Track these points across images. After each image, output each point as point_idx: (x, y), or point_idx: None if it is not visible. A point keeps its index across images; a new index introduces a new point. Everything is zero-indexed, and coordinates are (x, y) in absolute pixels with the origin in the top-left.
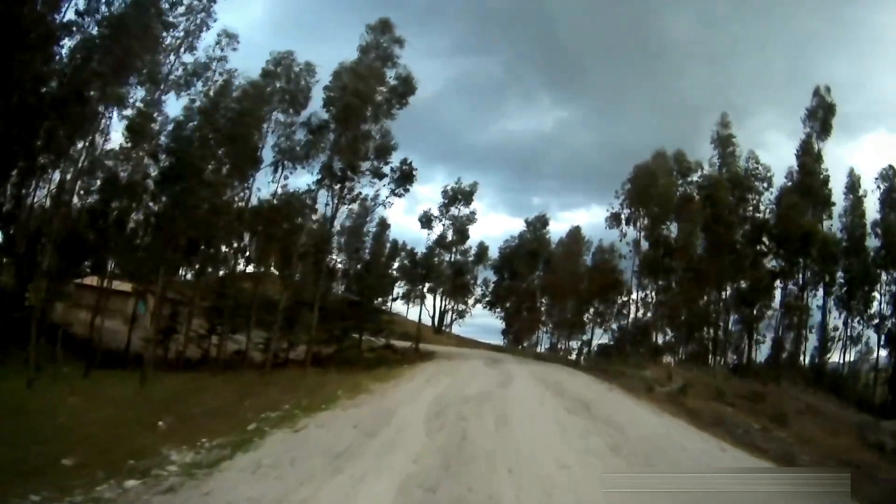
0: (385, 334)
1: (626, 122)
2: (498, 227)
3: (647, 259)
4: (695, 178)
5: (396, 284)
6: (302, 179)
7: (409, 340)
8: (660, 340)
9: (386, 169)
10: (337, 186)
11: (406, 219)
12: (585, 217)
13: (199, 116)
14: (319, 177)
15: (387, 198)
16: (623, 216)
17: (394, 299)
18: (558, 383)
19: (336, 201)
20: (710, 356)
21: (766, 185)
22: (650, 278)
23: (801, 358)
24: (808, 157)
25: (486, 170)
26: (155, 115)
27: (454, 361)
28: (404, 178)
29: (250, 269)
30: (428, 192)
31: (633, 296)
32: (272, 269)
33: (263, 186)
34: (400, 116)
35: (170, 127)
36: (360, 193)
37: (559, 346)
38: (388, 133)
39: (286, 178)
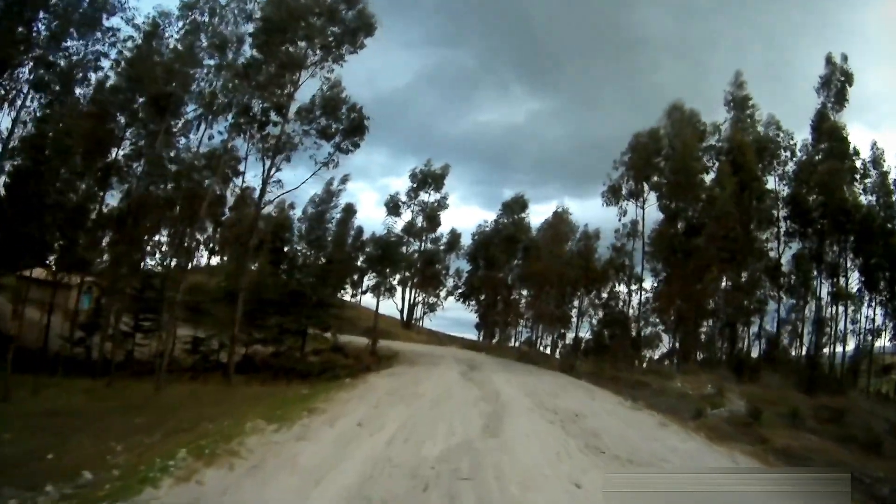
0: (332, 332)
1: (599, 116)
2: (470, 220)
3: (661, 236)
4: (712, 141)
5: (366, 276)
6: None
7: (378, 337)
8: (665, 335)
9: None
10: (259, 135)
11: (378, 212)
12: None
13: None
14: (234, 121)
15: (331, 155)
16: (624, 190)
17: (363, 292)
18: (578, 416)
19: (270, 161)
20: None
21: (789, 154)
22: (671, 258)
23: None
24: (834, 123)
25: (459, 162)
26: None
27: (418, 369)
28: (353, 131)
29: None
30: (400, 185)
31: (646, 284)
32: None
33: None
34: (373, 107)
35: None
36: (290, 141)
37: (539, 342)
38: (337, 83)
39: (211, 138)
